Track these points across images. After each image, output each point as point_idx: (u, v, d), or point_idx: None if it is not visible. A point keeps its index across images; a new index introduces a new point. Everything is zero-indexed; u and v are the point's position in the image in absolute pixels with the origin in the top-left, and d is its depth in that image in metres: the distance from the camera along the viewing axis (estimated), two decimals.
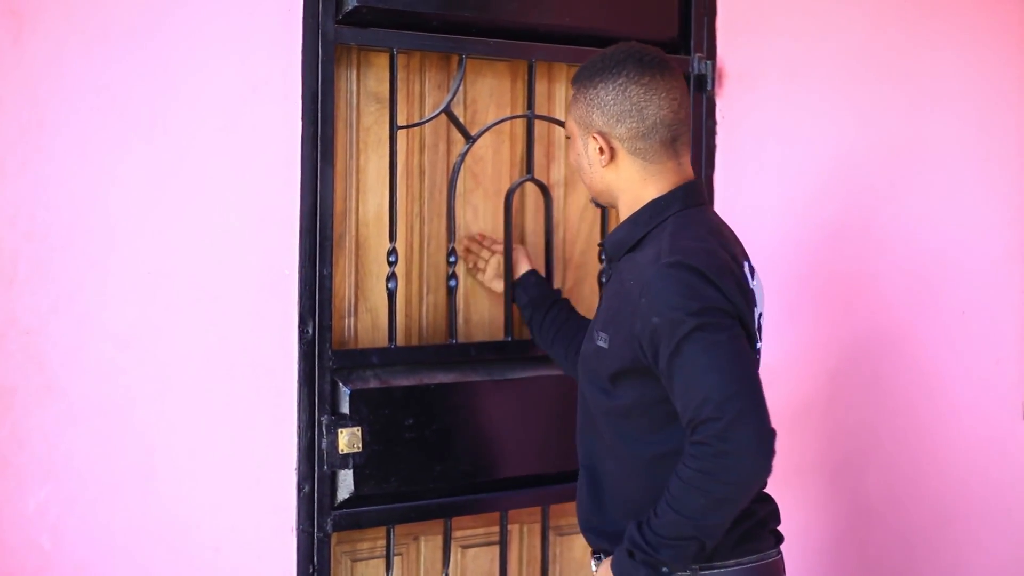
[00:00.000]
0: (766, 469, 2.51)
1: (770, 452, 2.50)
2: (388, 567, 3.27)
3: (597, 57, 2.78)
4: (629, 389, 2.67)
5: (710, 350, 2.51)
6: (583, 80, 2.77)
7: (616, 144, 2.72)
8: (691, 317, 2.51)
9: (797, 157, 3.58)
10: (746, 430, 2.46)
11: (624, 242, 2.74)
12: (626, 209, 2.76)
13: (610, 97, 2.71)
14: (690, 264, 2.56)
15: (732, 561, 2.62)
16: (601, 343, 2.69)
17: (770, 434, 2.49)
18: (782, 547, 2.73)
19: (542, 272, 3.49)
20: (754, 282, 2.74)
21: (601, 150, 2.73)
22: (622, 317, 2.64)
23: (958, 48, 3.29)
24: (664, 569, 2.56)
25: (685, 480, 2.50)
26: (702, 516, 2.51)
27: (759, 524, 2.66)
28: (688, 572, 2.59)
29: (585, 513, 2.82)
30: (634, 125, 2.70)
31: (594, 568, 2.82)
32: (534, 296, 3.26)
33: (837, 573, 3.48)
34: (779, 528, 2.74)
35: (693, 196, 2.74)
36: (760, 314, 2.74)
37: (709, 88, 3.63)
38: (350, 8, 3.11)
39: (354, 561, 3.29)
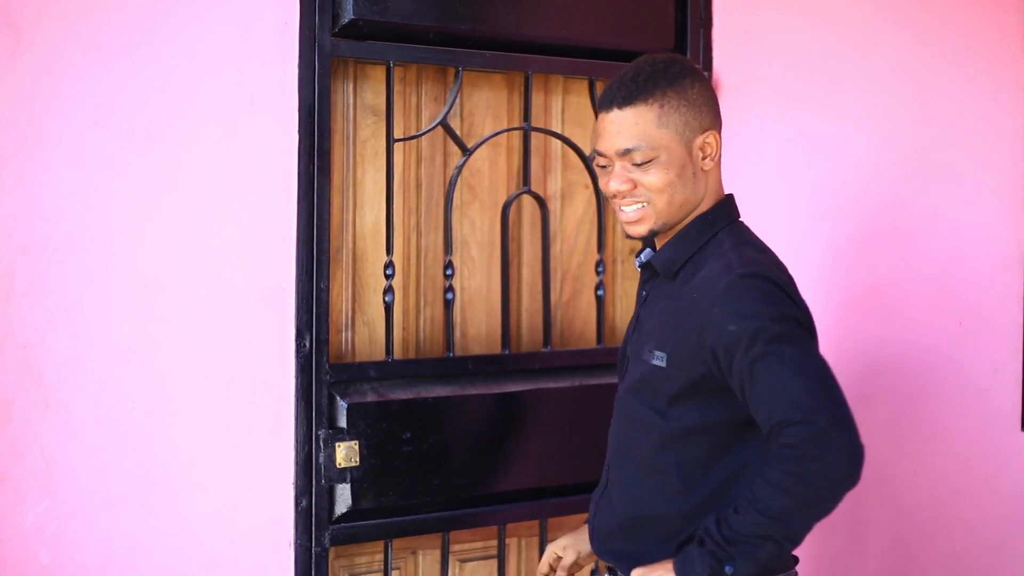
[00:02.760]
0: (856, 478, 2.44)
1: (861, 461, 2.44)
2: None
3: (659, 65, 2.62)
4: (689, 411, 2.58)
5: (797, 356, 2.46)
6: (670, 84, 2.59)
7: (719, 140, 2.64)
8: (773, 323, 2.46)
9: (794, 167, 3.58)
10: (840, 436, 2.41)
11: (676, 260, 2.64)
12: (680, 225, 2.67)
13: (708, 92, 2.62)
14: (766, 275, 2.52)
15: None
16: (657, 361, 2.60)
17: (861, 446, 2.44)
18: None
19: (539, 287, 3.49)
20: None
21: (708, 149, 2.61)
22: (685, 332, 2.56)
23: (956, 55, 3.29)
24: (728, 568, 2.47)
25: (773, 483, 2.43)
26: (788, 519, 2.45)
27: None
28: None
29: (617, 540, 2.70)
30: (719, 117, 2.66)
31: None
32: None
33: None
34: None
35: (735, 210, 2.70)
36: None
37: None
38: (347, 21, 3.11)
39: (352, 575, 3.28)
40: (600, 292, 3.56)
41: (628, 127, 2.58)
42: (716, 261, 2.57)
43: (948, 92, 3.32)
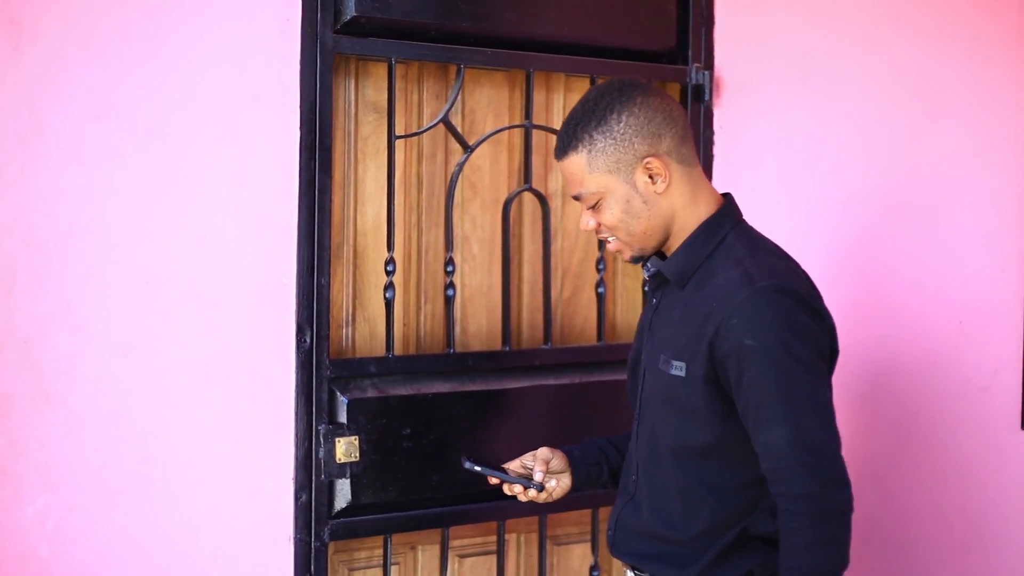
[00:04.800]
0: (849, 503, 2.55)
1: (849, 499, 2.54)
2: None
3: (589, 105, 2.66)
4: (711, 423, 2.59)
5: (805, 392, 2.51)
6: (596, 126, 2.62)
7: (667, 160, 2.63)
8: (790, 346, 2.50)
9: (795, 168, 3.58)
10: (835, 494, 2.51)
11: (687, 269, 2.65)
12: (675, 239, 2.68)
13: (641, 118, 2.61)
14: (791, 289, 2.54)
15: None
16: (676, 371, 2.61)
17: (847, 484, 2.54)
18: None
19: (539, 284, 3.49)
20: None
21: (654, 174, 2.62)
22: (700, 341, 2.57)
23: (957, 56, 3.29)
24: None
25: (800, 548, 2.51)
26: (831, 568, 2.55)
27: None
28: None
29: (643, 542, 2.72)
30: (674, 131, 2.63)
31: None
32: (589, 472, 2.98)
33: None
34: None
35: (738, 211, 2.71)
36: None
37: (707, 99, 3.64)
38: (348, 18, 3.12)
39: (351, 570, 3.29)
40: (600, 289, 3.57)
41: (568, 176, 2.69)
42: (732, 269, 2.59)
43: (949, 92, 3.32)
